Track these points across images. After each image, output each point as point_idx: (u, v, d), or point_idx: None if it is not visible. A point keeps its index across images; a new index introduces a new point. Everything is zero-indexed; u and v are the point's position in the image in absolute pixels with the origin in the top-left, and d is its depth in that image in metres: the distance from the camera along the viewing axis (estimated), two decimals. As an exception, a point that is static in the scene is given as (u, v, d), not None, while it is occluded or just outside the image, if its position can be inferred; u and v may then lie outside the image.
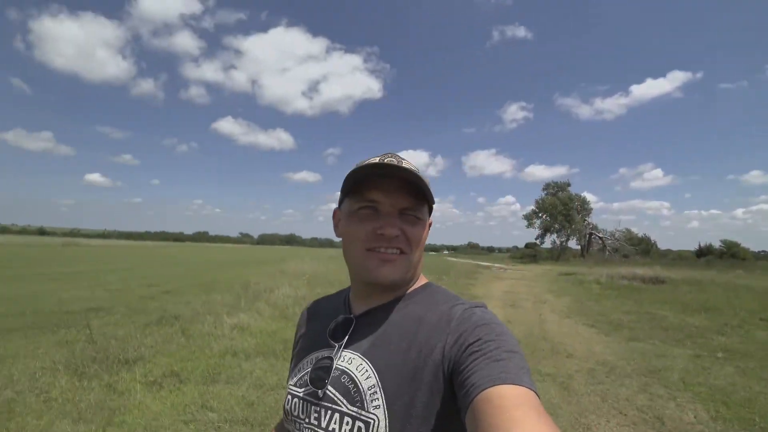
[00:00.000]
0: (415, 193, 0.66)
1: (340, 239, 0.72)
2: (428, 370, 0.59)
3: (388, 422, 0.58)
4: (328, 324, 0.72)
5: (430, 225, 0.74)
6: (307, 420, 0.65)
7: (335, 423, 0.61)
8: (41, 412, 2.99)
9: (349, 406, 0.61)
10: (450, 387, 0.57)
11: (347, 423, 0.60)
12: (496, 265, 34.43)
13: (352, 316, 0.71)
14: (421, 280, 0.74)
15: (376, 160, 0.68)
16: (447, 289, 0.73)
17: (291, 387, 0.71)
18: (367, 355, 0.64)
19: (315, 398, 0.65)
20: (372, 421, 0.59)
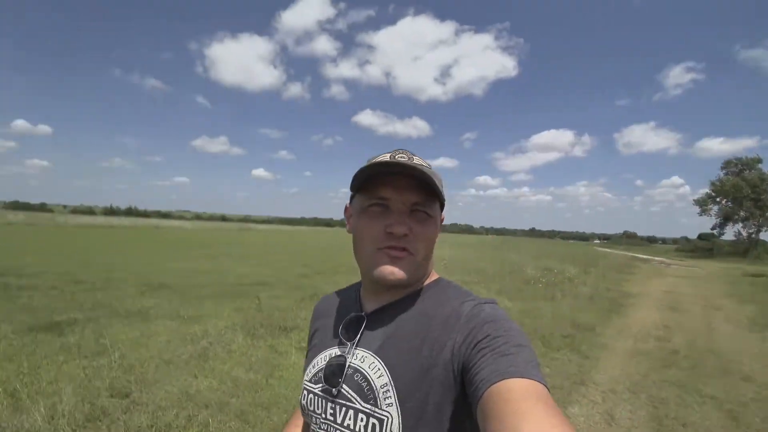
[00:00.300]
0: (426, 189, 0.65)
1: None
2: (439, 368, 0.60)
3: (402, 420, 0.59)
4: (341, 320, 0.74)
5: (442, 220, 0.73)
6: (323, 415, 0.67)
7: (350, 419, 0.63)
8: (225, 360, 3.84)
9: (363, 404, 0.62)
10: (461, 384, 0.58)
11: (362, 420, 0.62)
12: (657, 258, 29.70)
13: (363, 314, 0.72)
14: (432, 276, 0.74)
15: (387, 157, 0.68)
16: (458, 285, 0.73)
17: (306, 383, 0.72)
18: (379, 353, 0.65)
19: (330, 395, 0.66)
20: (386, 419, 0.60)
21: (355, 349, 0.68)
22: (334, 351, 0.71)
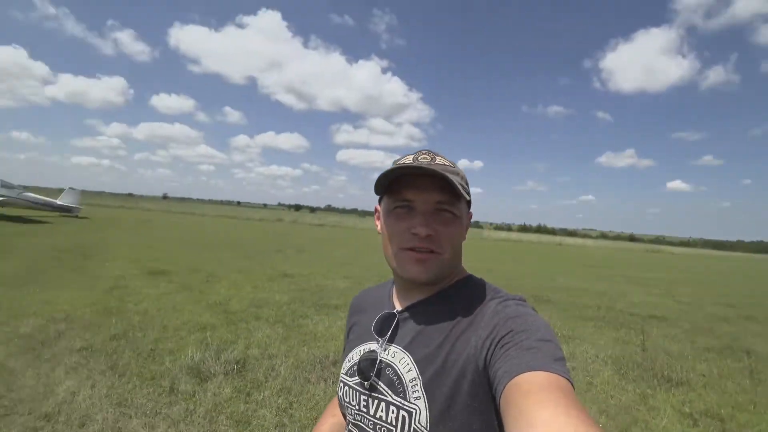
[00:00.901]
0: (450, 188, 0.66)
1: None
2: (463, 363, 0.61)
3: (429, 412, 0.62)
4: (374, 316, 0.77)
5: (469, 218, 0.76)
6: (357, 407, 0.71)
7: (382, 411, 0.67)
8: (583, 392, 3.54)
9: (393, 397, 0.66)
10: (486, 380, 0.59)
11: (393, 412, 0.65)
12: None
13: (395, 311, 0.74)
14: (462, 274, 0.76)
15: (410, 159, 0.70)
16: (487, 282, 0.74)
17: (343, 375, 0.77)
18: (408, 348, 0.68)
19: (363, 388, 0.71)
20: (414, 411, 0.63)
21: (387, 344, 0.72)
22: (368, 346, 0.75)
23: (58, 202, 21.63)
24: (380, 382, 0.69)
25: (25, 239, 11.24)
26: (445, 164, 0.70)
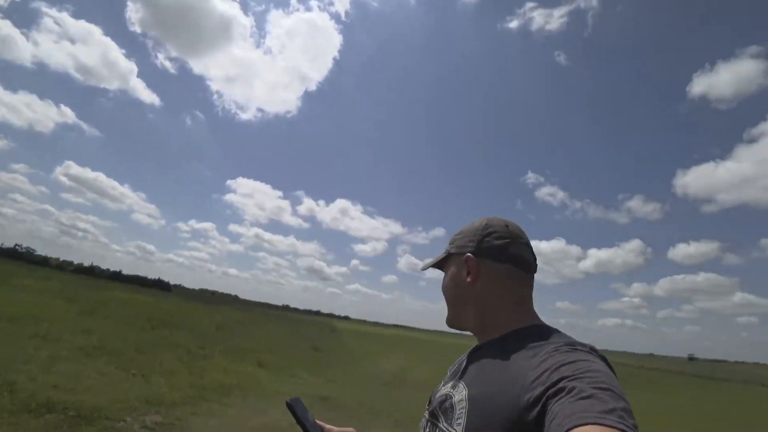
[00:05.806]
0: (437, 265, 0.93)
1: None
2: (509, 402, 0.62)
3: None
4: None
5: (465, 260, 0.85)
6: None
7: None
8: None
9: (444, 424, 0.74)
10: (527, 423, 0.58)
11: None
12: None
13: (465, 356, 0.87)
14: (532, 320, 0.80)
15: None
16: (559, 331, 0.75)
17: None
18: (468, 384, 0.75)
19: (428, 416, 0.82)
20: None
21: (457, 381, 0.80)
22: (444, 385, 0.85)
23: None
24: (439, 411, 0.77)
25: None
26: (451, 242, 0.91)
